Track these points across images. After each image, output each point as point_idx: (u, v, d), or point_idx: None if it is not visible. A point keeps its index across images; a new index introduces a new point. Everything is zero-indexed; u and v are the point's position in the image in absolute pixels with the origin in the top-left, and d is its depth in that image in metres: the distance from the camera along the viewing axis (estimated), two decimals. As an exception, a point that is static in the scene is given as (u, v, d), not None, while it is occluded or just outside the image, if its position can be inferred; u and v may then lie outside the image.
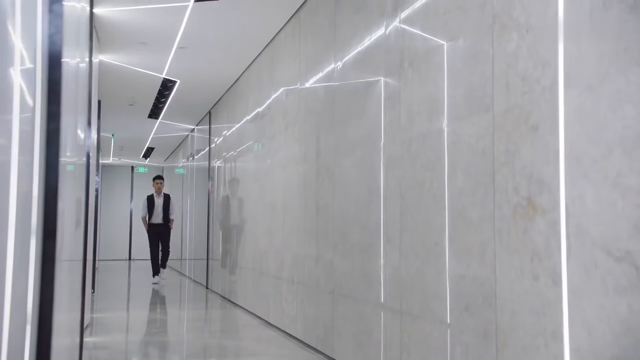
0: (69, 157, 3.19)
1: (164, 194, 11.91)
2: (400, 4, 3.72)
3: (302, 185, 5.53)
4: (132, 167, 21.00)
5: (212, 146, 10.85)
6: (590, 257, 2.14)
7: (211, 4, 5.65)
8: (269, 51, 6.95)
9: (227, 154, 9.41)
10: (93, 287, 8.02)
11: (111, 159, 18.49)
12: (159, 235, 11.79)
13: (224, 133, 9.73)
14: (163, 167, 20.49)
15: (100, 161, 12.96)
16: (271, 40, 6.78)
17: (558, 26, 2.36)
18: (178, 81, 8.77)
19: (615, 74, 2.08)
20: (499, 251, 2.66)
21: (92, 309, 7.31)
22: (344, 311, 4.45)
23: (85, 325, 5.35)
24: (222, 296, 9.30)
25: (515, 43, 2.62)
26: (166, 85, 9.06)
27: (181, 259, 14.71)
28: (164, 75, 8.46)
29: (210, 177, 10.91)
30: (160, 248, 11.88)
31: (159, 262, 11.78)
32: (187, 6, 5.75)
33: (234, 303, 8.34)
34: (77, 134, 3.84)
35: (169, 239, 11.95)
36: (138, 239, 20.85)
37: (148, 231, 11.83)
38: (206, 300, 9.39)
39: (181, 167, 15.12)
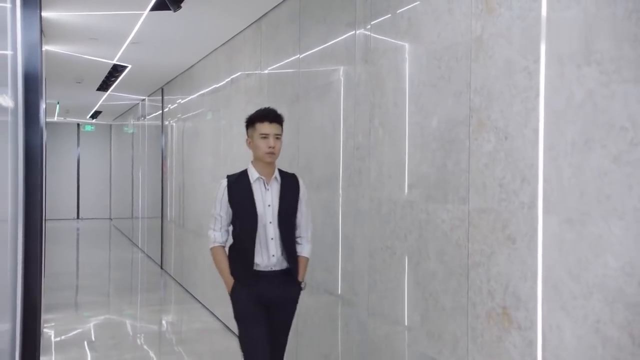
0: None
1: (279, 171, 3.50)
2: (371, 55, 3.63)
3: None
4: (78, 125, 20.38)
5: (165, 110, 10.54)
6: (566, 392, 2.19)
7: (167, 12, 5.40)
8: (227, 49, 6.74)
9: (181, 114, 9.22)
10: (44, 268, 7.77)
11: (56, 118, 17.88)
12: (271, 309, 3.40)
13: (178, 102, 9.50)
14: (111, 125, 19.94)
15: (45, 119, 12.31)
16: (228, 40, 6.57)
17: (539, 149, 2.33)
18: (129, 66, 8.46)
19: (598, 219, 2.08)
20: (472, 349, 2.70)
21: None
22: (307, 347, 4.48)
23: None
24: (175, 280, 9.25)
25: (493, 146, 2.59)
26: (117, 69, 8.73)
27: (132, 218, 14.34)
28: (114, 62, 8.14)
29: (163, 155, 10.67)
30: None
31: None
32: (141, 14, 5.49)
33: (191, 295, 8.32)
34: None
35: (289, 326, 3.54)
36: (86, 196, 20.41)
37: (233, 293, 3.40)
38: (164, 287, 9.34)
39: (132, 125, 14.59)
